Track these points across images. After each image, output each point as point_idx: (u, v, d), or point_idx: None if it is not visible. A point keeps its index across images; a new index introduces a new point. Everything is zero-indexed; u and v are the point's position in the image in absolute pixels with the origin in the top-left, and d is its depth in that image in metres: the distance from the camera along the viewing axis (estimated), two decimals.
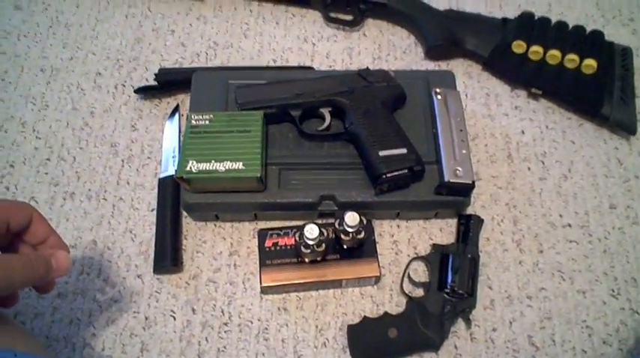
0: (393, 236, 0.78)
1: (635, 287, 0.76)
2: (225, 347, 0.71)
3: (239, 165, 0.70)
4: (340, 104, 0.77)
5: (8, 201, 0.61)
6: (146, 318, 0.72)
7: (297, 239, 0.71)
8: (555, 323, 0.73)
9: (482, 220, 0.77)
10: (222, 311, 0.73)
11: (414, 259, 0.76)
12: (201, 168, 0.70)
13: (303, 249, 0.70)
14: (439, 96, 0.80)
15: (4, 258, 0.55)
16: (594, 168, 0.84)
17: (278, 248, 0.73)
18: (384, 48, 0.94)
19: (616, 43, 0.92)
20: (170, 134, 0.83)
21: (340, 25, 0.96)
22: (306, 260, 0.72)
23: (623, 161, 0.85)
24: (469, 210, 0.79)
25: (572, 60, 0.88)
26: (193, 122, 0.74)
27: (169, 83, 0.86)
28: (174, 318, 0.72)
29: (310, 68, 0.90)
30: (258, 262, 0.73)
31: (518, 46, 0.90)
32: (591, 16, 0.98)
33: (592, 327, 0.73)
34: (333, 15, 0.96)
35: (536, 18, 0.93)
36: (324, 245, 0.70)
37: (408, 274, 0.75)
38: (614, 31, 0.96)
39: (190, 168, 0.70)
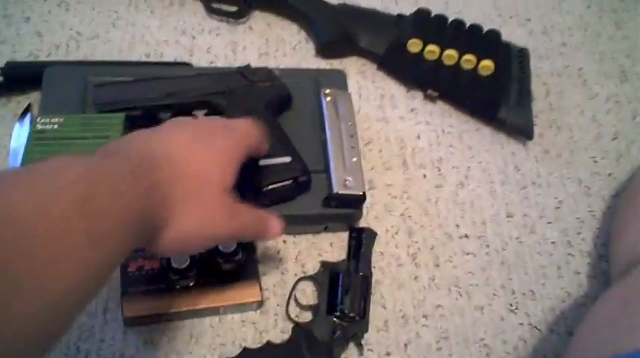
0: (278, 253, 0.72)
1: (533, 300, 0.73)
2: None
3: None
4: (217, 106, 0.70)
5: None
6: None
7: (165, 262, 0.63)
8: (452, 343, 0.69)
9: (376, 233, 0.73)
10: (78, 349, 0.63)
11: (300, 279, 0.70)
12: None
13: (171, 274, 0.62)
14: (328, 98, 0.76)
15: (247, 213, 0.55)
16: (491, 174, 0.82)
17: (144, 272, 0.65)
18: (272, 43, 0.88)
19: (512, 43, 0.90)
20: (19, 139, 0.73)
21: (223, 17, 0.88)
22: (177, 286, 0.64)
23: (520, 167, 0.83)
24: (362, 223, 0.74)
25: (468, 61, 0.85)
26: (39, 126, 0.65)
27: (18, 79, 0.76)
28: None
29: (187, 64, 0.82)
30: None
31: (414, 45, 0.86)
32: (488, 15, 0.96)
33: (490, 345, 0.70)
34: (215, 5, 0.88)
35: (432, 15, 0.89)
36: (195, 268, 0.63)
37: (295, 296, 0.69)
38: (511, 31, 0.94)
39: None
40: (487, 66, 0.85)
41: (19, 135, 0.73)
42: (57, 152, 0.63)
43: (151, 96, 0.69)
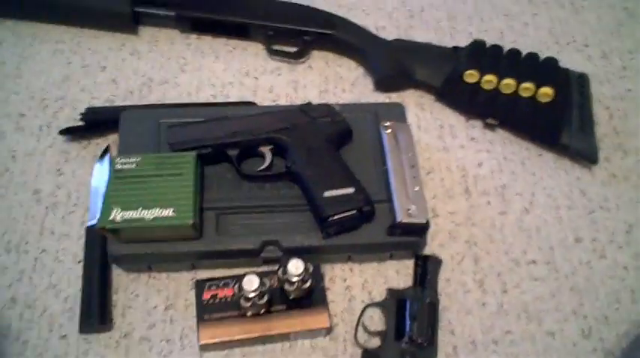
0: (345, 281, 0.75)
1: (606, 325, 0.74)
2: None
3: (169, 212, 0.67)
4: (281, 142, 0.75)
5: None
6: None
7: (237, 291, 0.67)
8: None
9: (441, 260, 0.75)
10: None
11: (368, 306, 0.73)
12: (127, 217, 0.67)
13: (243, 302, 0.66)
14: (388, 130, 0.79)
15: None
16: (556, 200, 0.83)
17: (217, 300, 0.69)
18: (331, 80, 0.93)
19: (571, 69, 0.92)
20: (99, 178, 0.79)
21: (284, 58, 0.94)
22: (248, 313, 0.68)
23: (586, 191, 0.84)
24: (426, 250, 0.77)
25: (527, 88, 0.88)
26: (118, 166, 0.71)
27: (97, 123, 0.83)
28: None
29: (252, 103, 0.87)
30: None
31: (471, 76, 0.89)
32: (545, 42, 0.99)
33: None
34: (276, 47, 0.94)
35: (488, 46, 0.93)
36: (266, 296, 0.67)
37: (363, 323, 0.71)
38: (569, 57, 0.96)
39: (114, 217, 0.67)
40: (546, 93, 0.87)
41: (100, 174, 0.80)
42: (135, 188, 0.69)
43: (220, 135, 0.75)
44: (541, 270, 0.77)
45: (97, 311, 0.69)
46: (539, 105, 0.88)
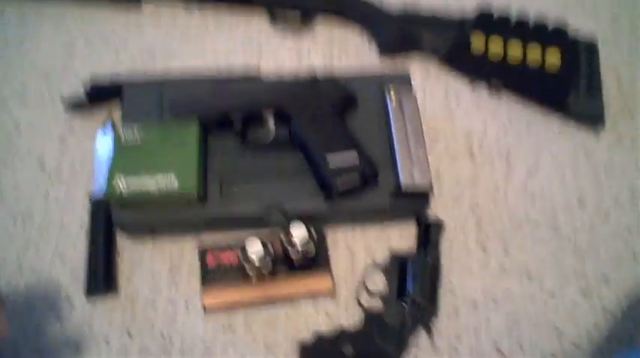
0: (348, 244, 0.76)
1: (606, 284, 0.74)
2: None
3: (173, 180, 0.68)
4: (285, 109, 0.76)
5: None
6: (77, 346, 0.69)
7: (241, 256, 0.68)
8: (523, 328, 0.71)
9: (443, 224, 0.76)
10: (162, 334, 0.70)
11: (370, 268, 0.74)
12: (131, 185, 0.68)
13: (247, 266, 0.67)
14: (393, 97, 0.79)
15: None
16: (561, 163, 0.84)
17: (222, 266, 0.71)
18: (336, 48, 0.93)
19: (580, 38, 0.91)
20: (103, 147, 0.80)
21: (288, 26, 0.94)
22: (252, 277, 0.69)
23: (592, 155, 0.84)
24: (430, 214, 0.77)
25: (534, 53, 0.87)
26: (122, 136, 0.72)
27: (101, 96, 0.84)
28: (109, 344, 0.69)
29: (256, 78, 0.88)
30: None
31: (477, 39, 0.89)
32: (553, 6, 0.98)
33: (561, 329, 0.71)
34: (279, 15, 0.94)
35: (495, 13, 0.92)
36: (270, 261, 0.68)
37: (365, 285, 0.73)
38: (578, 21, 0.94)
39: (119, 185, 0.68)
40: (554, 62, 0.87)
41: (104, 144, 0.80)
42: (139, 157, 0.70)
43: (223, 103, 0.75)
44: (543, 232, 0.78)
45: (102, 274, 0.71)
46: (547, 74, 0.88)
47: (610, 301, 0.73)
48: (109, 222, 0.74)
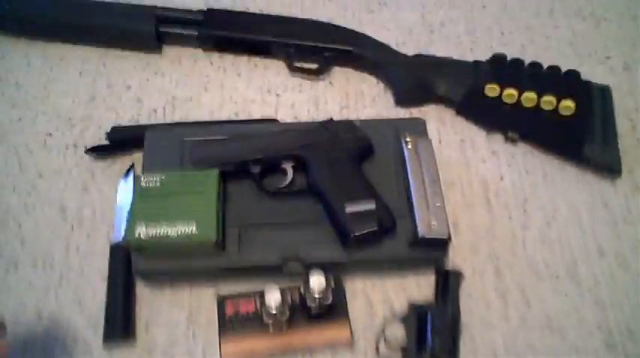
0: (366, 293, 0.76)
1: (631, 339, 0.73)
2: None
3: (192, 228, 0.69)
4: (303, 158, 0.76)
5: None
6: None
7: (259, 306, 0.68)
8: None
9: (462, 274, 0.76)
10: None
11: (389, 320, 0.73)
12: (151, 233, 0.69)
13: (265, 317, 0.67)
14: (409, 145, 0.79)
15: None
16: (579, 212, 0.83)
17: (239, 315, 0.71)
18: (352, 96, 0.95)
19: (593, 82, 0.92)
20: (124, 195, 0.81)
21: (305, 75, 0.96)
22: (270, 328, 0.69)
23: (609, 204, 0.84)
24: (448, 264, 0.77)
25: (548, 102, 0.88)
26: (142, 183, 0.73)
27: (122, 142, 0.85)
28: None
29: (273, 120, 0.89)
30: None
31: (492, 90, 0.90)
32: (566, 55, 0.99)
33: None
34: (297, 64, 0.96)
35: (508, 59, 0.93)
36: (288, 311, 0.68)
37: (384, 337, 0.72)
38: (591, 69, 0.96)
39: (139, 232, 0.69)
40: (568, 106, 0.87)
41: (124, 191, 0.82)
42: (160, 205, 0.71)
43: (242, 153, 0.76)
44: (564, 284, 0.77)
45: (120, 321, 0.72)
46: (561, 119, 0.88)
47: (635, 356, 0.72)
48: (128, 269, 0.75)
